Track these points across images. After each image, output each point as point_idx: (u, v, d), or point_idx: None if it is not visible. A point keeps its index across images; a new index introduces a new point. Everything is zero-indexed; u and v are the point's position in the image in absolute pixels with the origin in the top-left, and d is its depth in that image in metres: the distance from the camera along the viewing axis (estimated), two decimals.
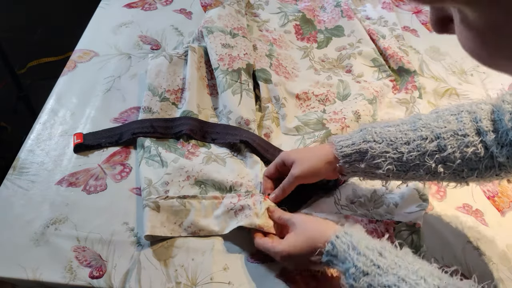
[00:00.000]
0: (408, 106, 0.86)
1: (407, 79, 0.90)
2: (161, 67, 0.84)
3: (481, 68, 0.96)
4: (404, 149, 0.57)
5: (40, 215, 0.68)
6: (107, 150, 0.77)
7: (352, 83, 0.88)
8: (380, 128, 0.60)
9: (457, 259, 0.66)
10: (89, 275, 0.62)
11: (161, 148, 0.74)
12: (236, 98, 0.79)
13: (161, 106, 0.80)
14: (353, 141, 0.61)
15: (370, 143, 0.59)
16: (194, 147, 0.76)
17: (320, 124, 0.80)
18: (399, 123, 0.60)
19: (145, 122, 0.77)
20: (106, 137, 0.77)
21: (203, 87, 0.85)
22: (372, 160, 0.59)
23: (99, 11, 1.06)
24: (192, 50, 0.86)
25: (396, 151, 0.58)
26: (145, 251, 0.65)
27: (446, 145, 0.55)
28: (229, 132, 0.76)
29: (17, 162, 0.75)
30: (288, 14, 1.04)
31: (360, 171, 0.61)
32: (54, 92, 0.87)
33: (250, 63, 0.84)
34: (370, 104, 0.82)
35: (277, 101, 0.83)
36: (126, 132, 0.77)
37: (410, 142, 0.57)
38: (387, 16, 1.06)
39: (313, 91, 0.86)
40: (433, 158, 0.56)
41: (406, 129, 0.59)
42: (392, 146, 0.58)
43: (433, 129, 0.57)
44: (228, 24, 0.90)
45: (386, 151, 0.58)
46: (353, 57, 0.94)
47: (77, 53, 0.94)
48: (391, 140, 0.58)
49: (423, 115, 0.60)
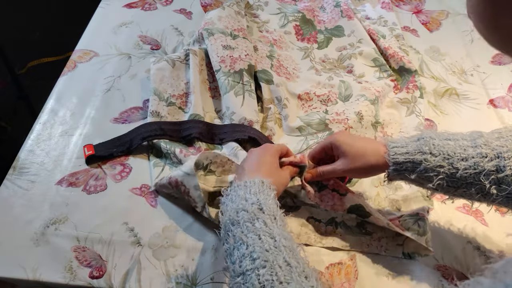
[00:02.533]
0: (409, 105, 0.86)
1: (408, 78, 0.90)
2: (165, 72, 0.84)
3: (481, 68, 0.97)
4: (460, 165, 0.55)
5: (40, 215, 0.68)
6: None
7: (354, 84, 0.88)
8: (439, 141, 0.57)
9: (457, 259, 0.66)
10: (89, 275, 0.62)
11: (178, 149, 0.73)
12: (239, 100, 0.79)
13: (168, 111, 0.80)
14: (408, 149, 0.58)
15: (426, 155, 0.56)
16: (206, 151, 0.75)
17: (323, 125, 0.80)
18: (459, 137, 0.57)
19: (154, 125, 0.76)
20: (117, 145, 0.76)
21: (205, 90, 0.85)
22: (424, 172, 0.56)
23: (99, 11, 1.06)
24: (193, 53, 0.86)
25: (452, 166, 0.55)
26: (145, 251, 0.65)
27: (505, 166, 0.52)
28: (236, 129, 0.76)
29: (17, 162, 0.75)
30: (287, 14, 1.04)
31: (408, 180, 0.59)
32: (54, 92, 0.87)
33: (252, 64, 0.84)
34: (372, 105, 0.82)
35: (279, 101, 0.83)
36: (136, 138, 0.76)
37: (468, 159, 0.55)
38: (386, 16, 1.06)
39: (314, 92, 0.86)
40: (488, 178, 0.53)
41: (466, 145, 0.56)
42: (448, 161, 0.55)
43: (494, 148, 0.54)
44: (229, 25, 0.90)
45: (440, 165, 0.55)
46: (354, 57, 0.94)
47: (77, 53, 0.94)
48: (448, 154, 0.56)
49: (484, 132, 0.58)
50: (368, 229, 0.68)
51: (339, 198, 0.66)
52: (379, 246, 0.67)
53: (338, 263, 0.65)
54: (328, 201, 0.66)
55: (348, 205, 0.65)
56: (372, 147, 0.61)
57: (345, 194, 0.66)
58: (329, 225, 0.69)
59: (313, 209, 0.70)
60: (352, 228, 0.68)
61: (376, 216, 0.65)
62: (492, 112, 0.88)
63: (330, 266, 0.65)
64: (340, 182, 0.67)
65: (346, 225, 0.69)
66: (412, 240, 0.64)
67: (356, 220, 0.69)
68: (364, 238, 0.67)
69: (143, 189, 0.72)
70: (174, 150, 0.73)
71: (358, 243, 0.67)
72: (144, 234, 0.67)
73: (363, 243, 0.67)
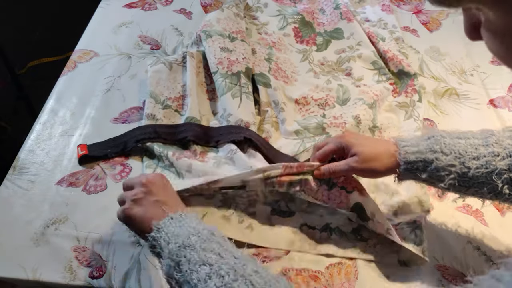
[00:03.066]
0: (407, 109, 0.85)
1: (407, 82, 0.89)
2: (161, 74, 0.84)
3: (481, 68, 0.96)
4: (472, 164, 0.54)
5: (40, 215, 0.68)
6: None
7: (352, 88, 0.87)
8: (450, 139, 0.57)
9: (457, 259, 0.66)
10: (89, 275, 0.62)
11: (170, 152, 0.73)
12: (236, 101, 0.79)
13: (164, 114, 0.80)
14: (419, 148, 0.57)
15: (437, 154, 0.56)
16: (202, 155, 0.74)
17: (320, 129, 0.80)
18: (470, 136, 0.57)
19: (148, 128, 0.76)
20: (111, 146, 0.76)
21: (202, 92, 0.84)
22: (436, 172, 0.56)
23: (99, 11, 1.06)
24: (191, 56, 0.86)
25: (463, 165, 0.54)
26: (145, 251, 0.65)
27: None
28: (232, 131, 0.76)
29: (17, 162, 0.75)
30: (287, 16, 1.03)
31: (419, 180, 0.58)
32: (54, 92, 0.87)
33: (249, 67, 0.84)
34: (370, 109, 0.82)
35: (277, 105, 0.82)
36: (130, 140, 0.76)
37: (479, 158, 0.54)
38: (386, 18, 1.06)
39: (312, 96, 0.86)
40: (501, 177, 0.53)
41: (477, 143, 0.55)
42: (459, 160, 0.55)
43: (506, 146, 0.54)
44: (227, 27, 0.90)
45: (452, 164, 0.55)
46: (352, 60, 0.94)
47: (77, 53, 0.94)
48: (459, 153, 0.55)
49: (495, 131, 0.57)
50: (363, 235, 0.67)
51: (345, 195, 0.65)
52: (374, 252, 0.66)
53: (338, 263, 0.65)
54: (335, 199, 0.65)
55: (353, 203, 0.65)
56: (384, 147, 0.60)
57: (351, 192, 0.65)
58: (324, 231, 0.68)
59: (307, 216, 0.69)
60: (348, 234, 0.68)
61: (377, 220, 0.64)
62: (492, 112, 0.88)
63: (330, 266, 0.65)
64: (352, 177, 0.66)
65: (341, 231, 0.68)
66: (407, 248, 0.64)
67: (352, 225, 0.68)
68: (360, 244, 0.67)
69: None
70: (166, 153, 0.73)
71: (354, 249, 0.67)
72: None
73: (358, 249, 0.66)
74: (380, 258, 0.66)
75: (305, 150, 0.76)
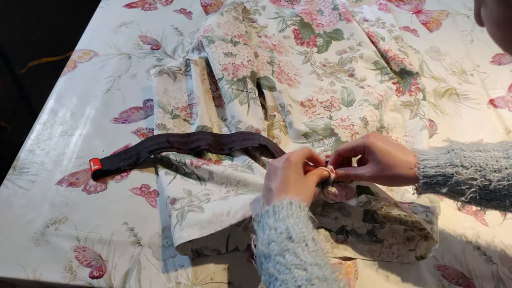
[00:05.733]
0: (412, 108, 0.85)
1: (410, 81, 0.89)
2: (167, 85, 0.83)
3: (481, 68, 0.97)
4: (494, 177, 0.53)
5: (40, 215, 0.68)
6: (107, 151, 0.77)
7: (356, 89, 0.87)
8: (470, 152, 0.56)
9: (457, 259, 0.66)
10: (89, 275, 0.62)
11: (188, 160, 0.72)
12: (244, 108, 0.78)
13: (174, 123, 0.79)
14: (438, 162, 0.56)
15: (457, 168, 0.55)
16: (217, 163, 0.74)
17: (329, 130, 0.79)
18: (490, 148, 0.56)
19: (160, 138, 0.75)
20: (124, 159, 0.75)
21: (209, 100, 0.84)
22: (456, 186, 0.55)
23: (99, 11, 1.06)
24: (194, 64, 0.85)
25: (484, 178, 0.54)
26: (145, 251, 0.65)
27: None
28: (245, 137, 0.75)
29: (17, 162, 0.75)
30: (285, 18, 1.03)
31: (440, 194, 0.57)
32: (54, 92, 0.87)
33: (254, 70, 0.83)
34: (376, 109, 0.81)
35: (283, 108, 0.82)
36: (143, 151, 0.74)
37: (501, 170, 0.53)
38: (384, 18, 1.06)
39: (317, 98, 0.85)
40: None
41: (498, 156, 0.55)
42: (480, 173, 0.54)
43: None
44: (228, 32, 0.89)
45: (473, 178, 0.54)
46: (354, 61, 0.93)
47: (77, 53, 0.94)
48: (480, 166, 0.54)
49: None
50: (378, 236, 0.67)
51: (347, 185, 0.65)
52: (390, 253, 0.66)
53: (338, 263, 0.65)
54: (341, 193, 0.65)
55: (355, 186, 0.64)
56: (404, 158, 0.58)
57: (351, 181, 0.65)
58: (340, 234, 0.68)
59: (322, 218, 0.69)
60: (363, 236, 0.68)
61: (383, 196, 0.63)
62: (492, 112, 0.88)
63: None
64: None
65: (357, 233, 0.68)
66: (423, 241, 0.64)
67: (366, 227, 0.68)
68: (375, 246, 0.67)
69: (143, 189, 0.72)
70: (184, 162, 0.72)
71: (370, 251, 0.66)
72: (144, 234, 0.67)
73: (374, 251, 0.66)
74: (397, 258, 0.66)
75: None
